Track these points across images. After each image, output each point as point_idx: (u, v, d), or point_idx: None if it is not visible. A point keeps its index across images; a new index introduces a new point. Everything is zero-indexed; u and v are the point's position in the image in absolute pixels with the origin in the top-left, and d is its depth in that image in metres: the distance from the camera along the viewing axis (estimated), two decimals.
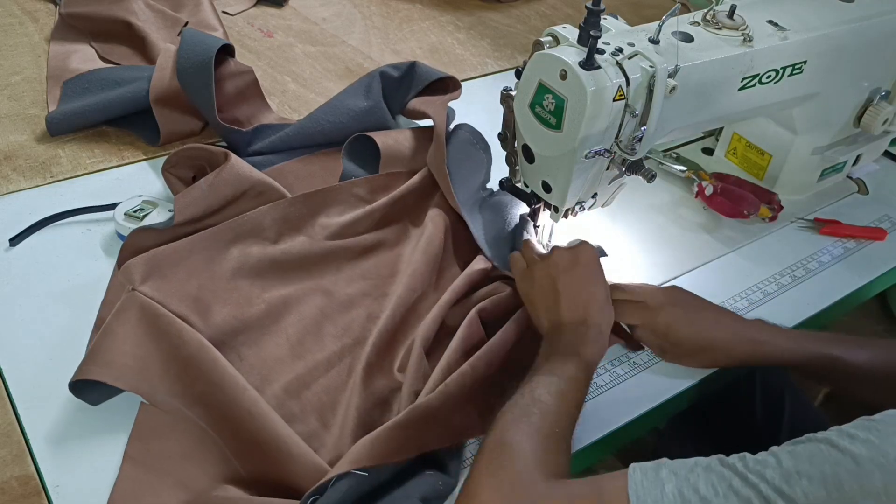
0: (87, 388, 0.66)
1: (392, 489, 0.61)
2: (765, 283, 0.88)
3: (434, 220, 0.84)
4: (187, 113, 0.98)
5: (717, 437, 0.93)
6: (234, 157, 0.84)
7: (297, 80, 1.14)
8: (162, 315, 0.69)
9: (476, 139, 0.92)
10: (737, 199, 0.93)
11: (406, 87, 1.03)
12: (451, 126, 0.94)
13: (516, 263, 0.79)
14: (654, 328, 0.75)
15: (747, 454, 0.51)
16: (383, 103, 1.00)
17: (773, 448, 0.51)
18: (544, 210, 0.82)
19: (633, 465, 0.53)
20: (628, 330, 0.78)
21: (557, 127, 0.70)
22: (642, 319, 0.76)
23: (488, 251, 0.82)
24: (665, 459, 0.52)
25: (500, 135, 0.81)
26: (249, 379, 0.67)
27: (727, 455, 0.52)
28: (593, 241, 0.81)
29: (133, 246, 0.77)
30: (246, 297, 0.76)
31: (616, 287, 0.76)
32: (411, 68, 1.03)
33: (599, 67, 0.67)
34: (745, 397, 0.89)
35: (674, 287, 0.78)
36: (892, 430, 0.47)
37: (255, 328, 0.74)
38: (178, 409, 0.66)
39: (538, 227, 0.85)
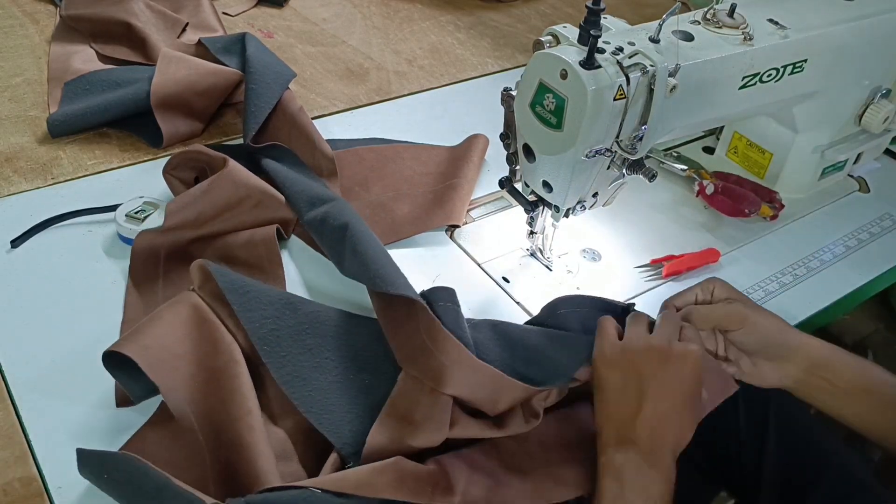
0: (120, 370, 0.64)
1: None
2: (766, 282, 0.88)
3: None
4: (189, 115, 0.98)
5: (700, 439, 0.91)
6: (232, 163, 0.84)
7: (297, 81, 1.14)
8: (208, 322, 0.68)
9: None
10: (738, 197, 0.93)
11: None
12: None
13: (604, 332, 0.65)
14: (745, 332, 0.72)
15: None
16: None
17: None
18: (544, 211, 0.82)
19: None
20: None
21: (558, 126, 0.70)
22: (742, 324, 0.71)
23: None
24: None
25: (501, 134, 0.81)
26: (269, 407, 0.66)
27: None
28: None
29: (141, 247, 0.79)
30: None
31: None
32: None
33: (600, 67, 0.67)
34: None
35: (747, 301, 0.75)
36: None
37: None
38: (187, 417, 0.64)
39: (535, 232, 0.84)
